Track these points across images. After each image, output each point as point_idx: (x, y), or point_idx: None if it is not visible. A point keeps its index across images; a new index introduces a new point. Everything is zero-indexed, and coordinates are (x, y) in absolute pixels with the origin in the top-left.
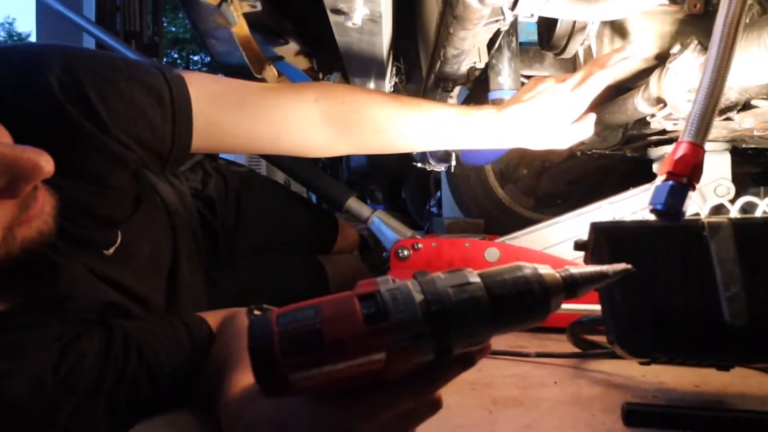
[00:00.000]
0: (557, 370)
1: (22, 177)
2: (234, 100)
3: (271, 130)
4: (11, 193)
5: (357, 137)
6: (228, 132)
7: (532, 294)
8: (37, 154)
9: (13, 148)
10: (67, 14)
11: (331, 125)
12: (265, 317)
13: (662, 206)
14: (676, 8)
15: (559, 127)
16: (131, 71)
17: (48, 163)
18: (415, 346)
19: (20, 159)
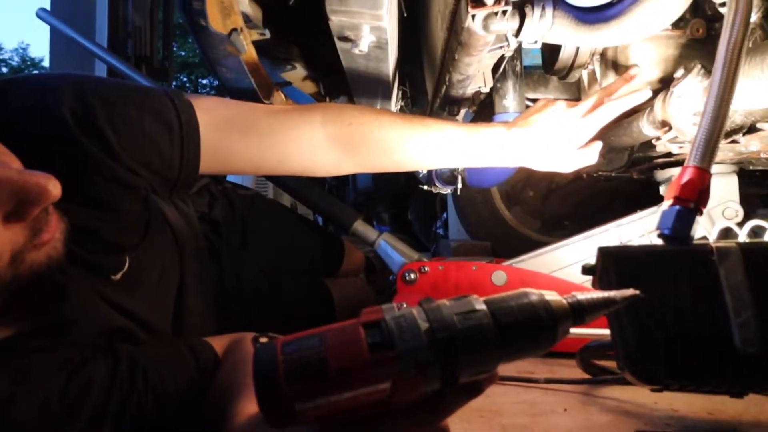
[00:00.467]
0: (567, 396)
1: (30, 201)
2: (241, 124)
3: (279, 153)
4: (20, 217)
5: (363, 158)
6: (236, 156)
7: (539, 321)
8: (45, 178)
9: (21, 173)
10: (80, 41)
11: (338, 147)
12: (271, 346)
13: (670, 231)
14: (678, 33)
15: (566, 150)
16: (141, 99)
17: (55, 188)
18: (420, 375)
19: (28, 183)
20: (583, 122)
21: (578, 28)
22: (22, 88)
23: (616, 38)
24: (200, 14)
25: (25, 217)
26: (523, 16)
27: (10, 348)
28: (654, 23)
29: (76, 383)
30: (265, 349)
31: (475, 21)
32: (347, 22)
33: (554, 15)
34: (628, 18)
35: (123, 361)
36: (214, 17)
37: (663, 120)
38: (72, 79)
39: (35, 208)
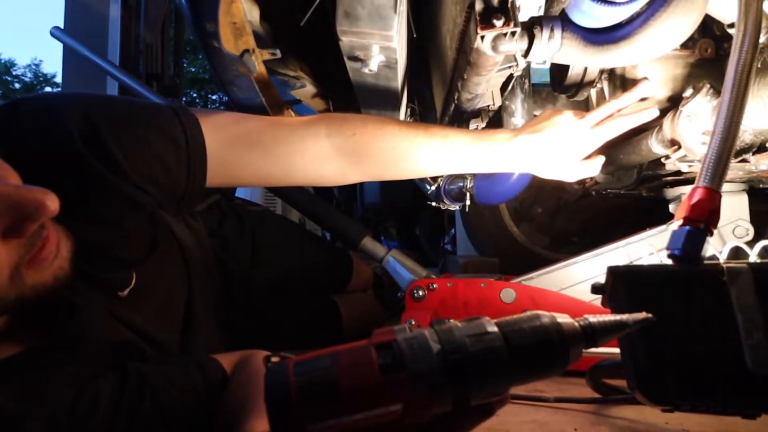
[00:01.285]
0: (577, 416)
1: (27, 216)
2: (247, 137)
3: (284, 165)
4: (17, 233)
5: (368, 167)
6: (242, 168)
7: (550, 344)
8: (42, 193)
9: (18, 188)
10: (93, 58)
11: (343, 158)
12: (282, 365)
13: (680, 252)
14: (687, 53)
15: (571, 160)
16: (147, 116)
17: (53, 202)
18: (432, 397)
19: (26, 198)
20: (590, 134)
21: (587, 49)
22: (31, 108)
23: (625, 59)
24: (213, 36)
25: (23, 232)
26: (531, 37)
27: (18, 365)
28: (663, 44)
29: (84, 400)
30: (277, 369)
31: (485, 42)
32: (357, 42)
33: (563, 36)
34: (637, 39)
35: (131, 378)
36: (227, 38)
37: (672, 139)
38: (80, 98)
39: (33, 223)
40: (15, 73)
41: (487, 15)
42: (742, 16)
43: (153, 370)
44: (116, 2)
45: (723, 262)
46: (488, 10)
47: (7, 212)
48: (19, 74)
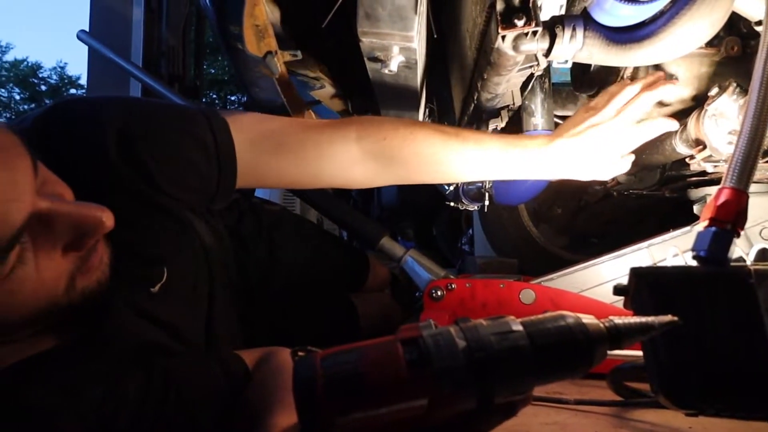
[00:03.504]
0: (598, 419)
1: (87, 233)
2: (275, 141)
3: (313, 168)
4: (77, 248)
5: (398, 172)
6: (271, 171)
7: (575, 344)
8: (100, 211)
9: (79, 207)
10: (117, 61)
11: (373, 161)
12: (310, 359)
13: (706, 253)
14: (713, 51)
15: (610, 161)
16: (180, 123)
17: (109, 219)
18: (457, 393)
19: (87, 217)
20: (630, 134)
21: (609, 49)
22: (68, 116)
23: (648, 59)
24: (237, 38)
25: (82, 248)
26: (553, 36)
27: (53, 360)
28: (688, 43)
29: (113, 396)
30: (305, 363)
31: (505, 42)
32: (378, 43)
33: (585, 35)
34: (661, 38)
35: (157, 374)
36: (250, 40)
37: (697, 138)
38: (115, 106)
39: (92, 239)
40: (41, 76)
41: (508, 15)
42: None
43: (177, 367)
44: (139, 5)
45: (750, 264)
46: (509, 9)
47: (70, 230)
48: (45, 76)
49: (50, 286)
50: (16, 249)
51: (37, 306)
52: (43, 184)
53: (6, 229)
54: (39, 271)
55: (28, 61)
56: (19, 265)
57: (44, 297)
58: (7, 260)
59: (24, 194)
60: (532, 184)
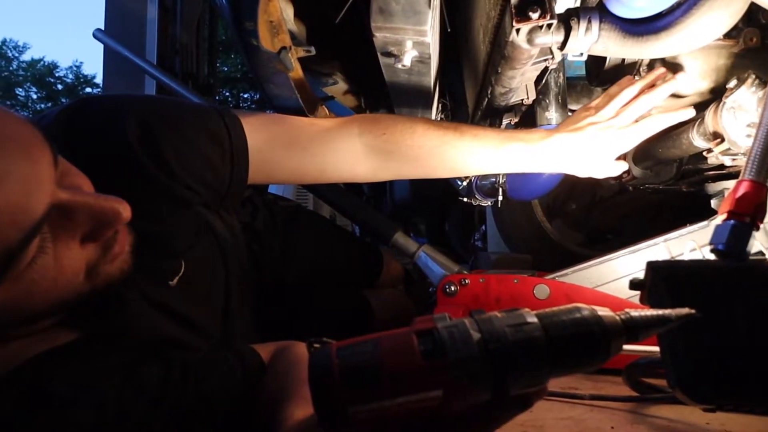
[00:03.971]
0: (614, 414)
1: (105, 224)
2: (285, 139)
3: (319, 164)
4: (94, 238)
5: (397, 166)
6: (280, 167)
7: (591, 336)
8: (118, 202)
9: (97, 198)
10: (132, 58)
11: (374, 156)
12: (326, 350)
13: (724, 246)
14: (731, 42)
15: (605, 159)
16: (195, 119)
17: (126, 210)
18: (472, 384)
19: (105, 208)
20: (626, 134)
21: (626, 41)
22: (93, 110)
23: (665, 50)
24: (252, 34)
25: (100, 238)
26: (568, 29)
27: (72, 352)
28: (705, 35)
29: (131, 387)
30: (321, 353)
31: (520, 35)
32: (391, 38)
33: (601, 28)
34: (678, 30)
35: (175, 367)
36: (264, 36)
37: (715, 131)
38: (136, 103)
39: (110, 230)
40: (58, 75)
41: (522, 7)
42: None
43: (195, 359)
44: (154, 4)
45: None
46: (524, 2)
47: (87, 221)
48: (62, 76)
49: (69, 274)
50: (37, 239)
51: (58, 294)
52: (64, 176)
53: (27, 220)
54: (58, 260)
55: (44, 61)
56: (39, 255)
57: (64, 285)
58: (29, 249)
59: (44, 185)
60: (546, 180)
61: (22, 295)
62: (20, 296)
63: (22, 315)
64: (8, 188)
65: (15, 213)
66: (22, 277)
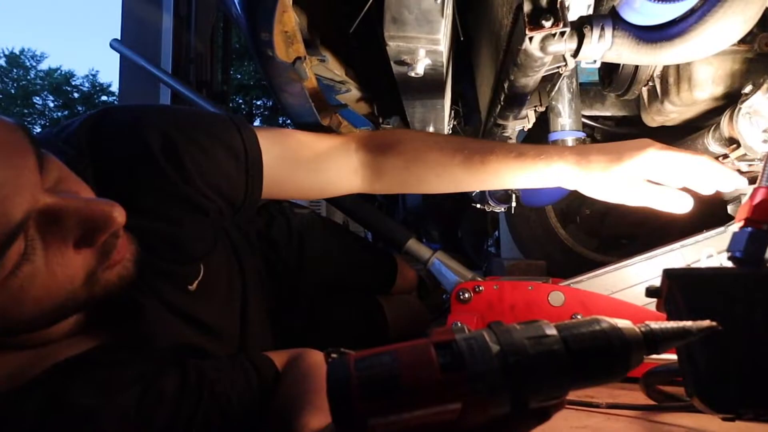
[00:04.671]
0: (631, 423)
1: (97, 228)
2: (293, 155)
3: (323, 180)
4: (88, 243)
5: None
6: (288, 183)
7: (611, 349)
8: (110, 206)
9: (87, 202)
10: (147, 67)
11: (368, 170)
12: (344, 361)
13: (742, 254)
14: (745, 48)
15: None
16: (214, 131)
17: (120, 215)
18: (491, 397)
19: (95, 212)
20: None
21: (639, 48)
22: (117, 120)
23: (680, 57)
24: (268, 45)
25: (93, 243)
26: (581, 37)
27: (92, 361)
28: (720, 41)
29: (151, 395)
30: (339, 364)
31: (533, 43)
32: (404, 47)
33: (614, 35)
34: (692, 36)
35: (191, 375)
36: (279, 47)
37: (730, 137)
38: (157, 114)
39: (102, 234)
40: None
41: (535, 16)
42: None
43: (210, 367)
44: (169, 14)
45: None
46: (537, 10)
47: (78, 225)
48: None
49: (63, 281)
50: (17, 245)
51: (51, 301)
52: (59, 182)
53: (5, 224)
54: (49, 266)
55: (61, 70)
56: (25, 261)
57: (57, 292)
58: (7, 256)
59: (24, 191)
60: None
61: (10, 301)
62: (8, 304)
63: (14, 321)
64: None
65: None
66: (8, 284)
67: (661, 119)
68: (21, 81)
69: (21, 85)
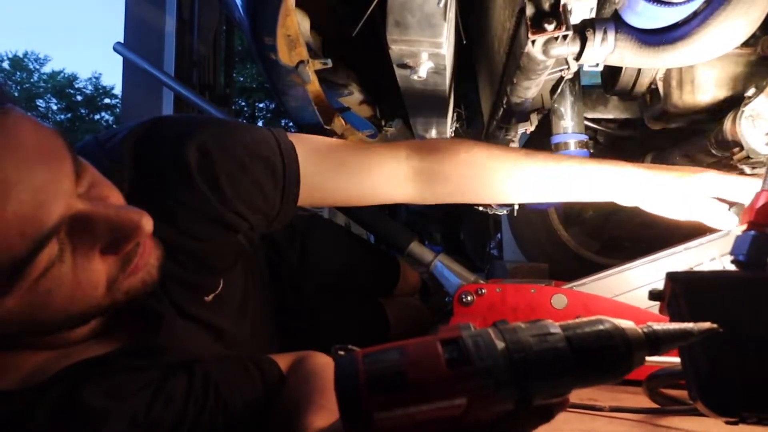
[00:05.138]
0: (633, 426)
1: (124, 236)
2: (334, 162)
3: (367, 187)
4: (114, 251)
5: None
6: (329, 191)
7: (614, 348)
8: (139, 214)
9: (118, 210)
10: (150, 70)
11: (421, 179)
12: (351, 356)
13: (745, 257)
14: (749, 51)
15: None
16: (252, 146)
17: (148, 224)
18: (496, 393)
19: (124, 220)
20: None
21: (641, 51)
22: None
23: (682, 60)
24: (271, 48)
25: (120, 251)
26: (584, 40)
27: (107, 364)
28: (723, 44)
29: (160, 400)
30: (346, 360)
31: (535, 46)
32: (407, 50)
33: (616, 38)
34: (695, 40)
35: (197, 377)
36: (282, 51)
37: (733, 140)
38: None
39: (130, 243)
40: (77, 86)
41: (538, 19)
42: None
43: (215, 369)
44: (172, 17)
45: None
46: (539, 14)
47: (107, 232)
48: (81, 87)
49: (87, 286)
50: (50, 248)
51: (76, 306)
52: (92, 187)
53: (37, 230)
54: (76, 271)
55: (64, 73)
56: (56, 265)
57: (82, 297)
58: (39, 260)
59: (59, 196)
60: None
61: (38, 304)
62: (36, 306)
63: (40, 325)
64: (19, 197)
65: (24, 223)
66: (37, 287)
67: (664, 122)
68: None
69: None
